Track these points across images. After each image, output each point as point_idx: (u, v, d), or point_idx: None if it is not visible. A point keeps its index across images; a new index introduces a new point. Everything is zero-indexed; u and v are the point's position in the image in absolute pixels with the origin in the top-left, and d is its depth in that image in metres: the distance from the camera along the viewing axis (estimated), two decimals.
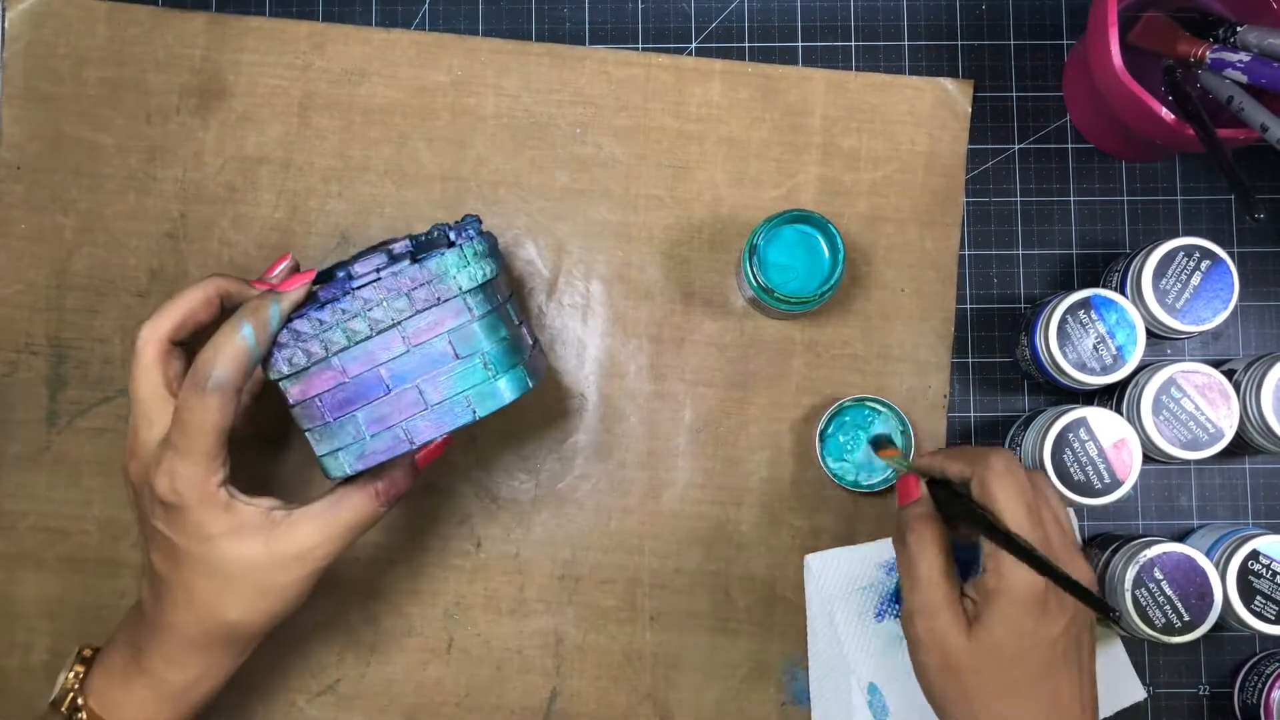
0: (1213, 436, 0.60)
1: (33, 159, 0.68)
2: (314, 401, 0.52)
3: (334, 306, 0.51)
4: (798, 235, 0.63)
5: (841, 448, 0.65)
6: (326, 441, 0.53)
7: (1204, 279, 0.60)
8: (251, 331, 0.51)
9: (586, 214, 0.68)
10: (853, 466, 0.65)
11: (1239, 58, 0.57)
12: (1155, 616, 0.58)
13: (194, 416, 0.50)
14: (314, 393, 0.52)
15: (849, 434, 0.65)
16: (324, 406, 0.52)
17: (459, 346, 0.52)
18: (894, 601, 0.64)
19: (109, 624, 0.66)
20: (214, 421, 0.50)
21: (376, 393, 0.52)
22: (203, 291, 0.54)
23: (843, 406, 0.65)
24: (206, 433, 0.50)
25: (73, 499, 0.67)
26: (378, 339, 0.51)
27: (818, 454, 0.64)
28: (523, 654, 0.66)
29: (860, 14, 0.69)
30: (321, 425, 0.53)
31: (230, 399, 0.51)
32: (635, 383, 0.67)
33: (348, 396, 0.52)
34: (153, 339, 0.53)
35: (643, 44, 0.69)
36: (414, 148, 0.68)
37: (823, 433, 0.65)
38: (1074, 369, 0.60)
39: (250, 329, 0.51)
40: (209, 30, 0.68)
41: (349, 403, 0.52)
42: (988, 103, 0.68)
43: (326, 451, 0.53)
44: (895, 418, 0.65)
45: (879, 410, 0.65)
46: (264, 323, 0.51)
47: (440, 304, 0.52)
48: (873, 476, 0.65)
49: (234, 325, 0.51)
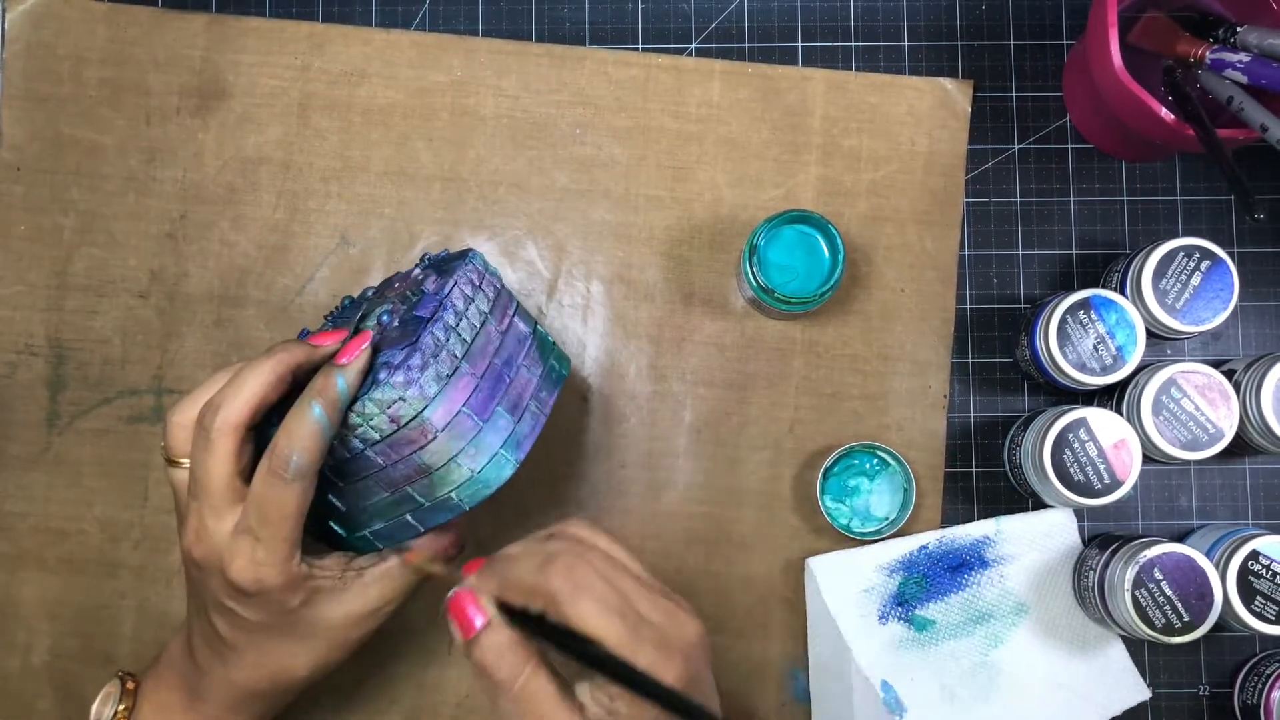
0: (1213, 437, 0.60)
1: (33, 160, 0.68)
2: None
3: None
4: (798, 235, 0.63)
5: (843, 489, 0.65)
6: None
7: (1204, 279, 0.60)
8: (323, 413, 0.49)
9: (586, 214, 0.68)
10: (849, 511, 0.65)
11: (1239, 58, 0.57)
12: (1155, 617, 0.58)
13: (276, 507, 0.49)
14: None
15: (854, 478, 0.65)
16: None
17: (433, 461, 0.51)
18: (896, 604, 0.64)
19: (109, 624, 0.66)
20: (296, 508, 0.49)
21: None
22: (273, 372, 0.51)
23: (853, 449, 0.65)
24: (288, 519, 0.49)
25: (73, 500, 0.67)
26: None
27: (817, 491, 0.64)
28: None
29: (860, 14, 0.69)
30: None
31: (311, 484, 0.50)
32: (635, 383, 0.67)
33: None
34: (229, 429, 0.50)
35: (643, 44, 0.69)
36: (414, 148, 0.68)
37: (827, 470, 0.65)
38: (1074, 369, 0.60)
39: (321, 410, 0.49)
40: (209, 31, 0.68)
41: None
42: (988, 103, 0.68)
43: (358, 535, 0.53)
44: (901, 473, 0.65)
45: (887, 462, 0.65)
46: (333, 401, 0.49)
47: (401, 428, 0.50)
48: (865, 525, 0.65)
49: (305, 408, 0.49)
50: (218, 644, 0.53)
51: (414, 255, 0.68)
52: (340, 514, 0.53)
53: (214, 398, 0.50)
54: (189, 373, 0.67)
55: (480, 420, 0.51)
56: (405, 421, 0.50)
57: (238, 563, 0.50)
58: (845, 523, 0.65)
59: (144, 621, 0.66)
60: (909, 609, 0.64)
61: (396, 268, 0.68)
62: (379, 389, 0.50)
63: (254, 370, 0.50)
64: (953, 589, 0.65)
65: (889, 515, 0.65)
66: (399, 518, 0.53)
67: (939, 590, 0.64)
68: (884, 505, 0.65)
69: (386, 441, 0.50)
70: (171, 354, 0.67)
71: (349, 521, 0.54)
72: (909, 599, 0.64)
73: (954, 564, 0.65)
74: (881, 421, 0.66)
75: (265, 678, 0.53)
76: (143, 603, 0.67)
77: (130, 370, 0.67)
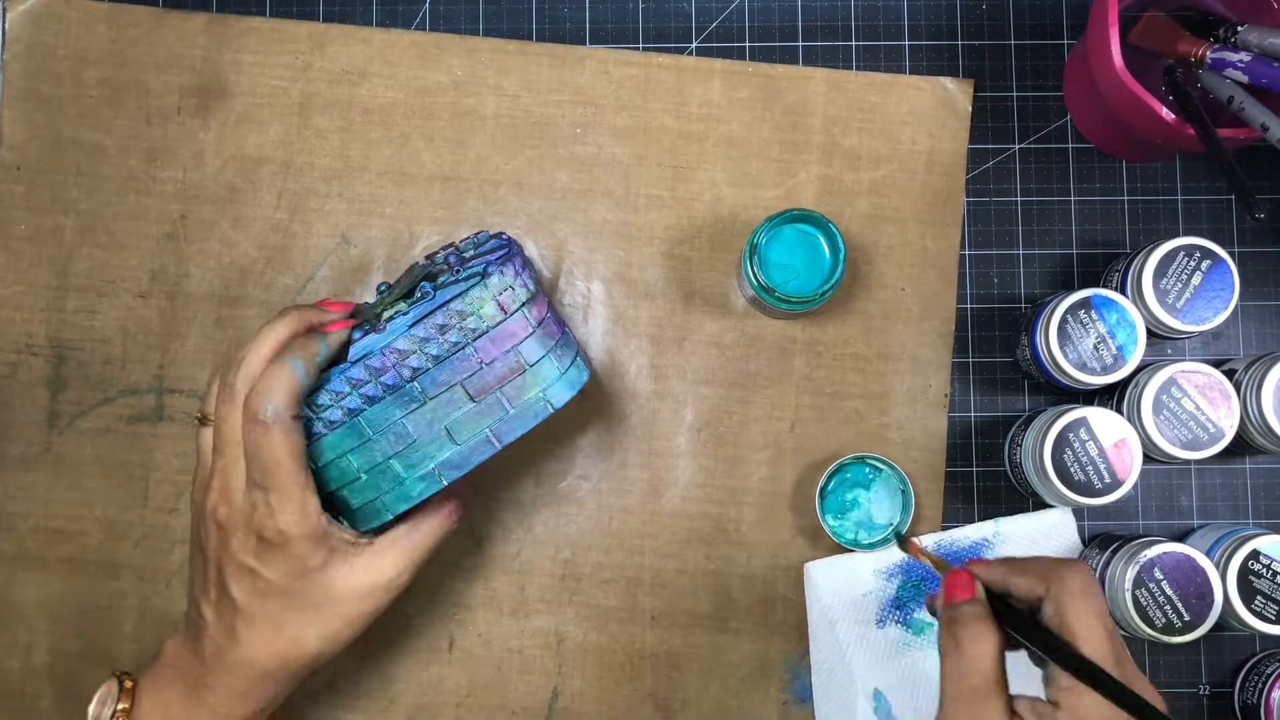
0: (1213, 436, 0.60)
1: (33, 160, 0.68)
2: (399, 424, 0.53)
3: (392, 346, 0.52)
4: (798, 235, 0.63)
5: (842, 504, 0.65)
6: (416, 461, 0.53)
7: (1204, 279, 0.60)
8: (301, 365, 0.51)
9: (587, 214, 0.68)
10: (852, 525, 0.65)
11: (1239, 58, 0.57)
12: (1155, 616, 0.58)
13: (266, 453, 0.50)
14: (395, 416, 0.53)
15: (850, 491, 0.65)
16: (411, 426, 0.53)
17: (529, 355, 0.53)
18: (894, 608, 0.64)
19: (110, 625, 0.66)
20: (285, 449, 0.51)
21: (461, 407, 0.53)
22: (288, 329, 0.54)
23: (843, 464, 0.64)
24: (282, 463, 0.51)
25: (73, 500, 0.67)
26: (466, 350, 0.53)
27: (817, 511, 0.64)
28: (523, 654, 0.66)
29: (860, 14, 0.69)
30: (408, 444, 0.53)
31: (292, 427, 0.51)
32: (636, 382, 0.67)
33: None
34: (251, 379, 0.52)
35: (643, 44, 0.69)
36: (414, 148, 0.68)
37: (823, 489, 0.65)
38: (1074, 369, 0.60)
39: (301, 364, 0.51)
40: (209, 31, 0.68)
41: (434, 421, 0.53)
42: (988, 103, 0.68)
43: (422, 471, 0.53)
44: (896, 476, 0.64)
45: (880, 469, 0.65)
46: (311, 356, 0.52)
47: (509, 316, 0.53)
48: (872, 535, 0.65)
49: (283, 359, 0.52)
50: (231, 618, 0.53)
51: (415, 255, 0.68)
52: (408, 444, 0.53)
53: (234, 355, 0.53)
54: (189, 372, 0.67)
55: (558, 331, 0.55)
56: (513, 310, 0.52)
57: (258, 512, 0.51)
58: (852, 538, 0.65)
59: (144, 621, 0.67)
60: (907, 612, 0.64)
61: (397, 267, 0.68)
62: (490, 278, 0.52)
63: (271, 328, 0.53)
64: None
65: (891, 520, 0.65)
66: (479, 435, 0.53)
67: None
68: (884, 512, 0.65)
69: (490, 334, 0.52)
70: (172, 354, 0.67)
71: (413, 454, 0.53)
72: (907, 602, 0.64)
73: None
74: (882, 421, 0.66)
75: (276, 654, 0.53)
76: (143, 603, 0.67)
77: (131, 370, 0.67)
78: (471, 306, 0.52)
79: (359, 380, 0.52)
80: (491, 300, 0.52)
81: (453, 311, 0.52)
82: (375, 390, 0.52)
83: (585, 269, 0.68)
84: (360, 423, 0.52)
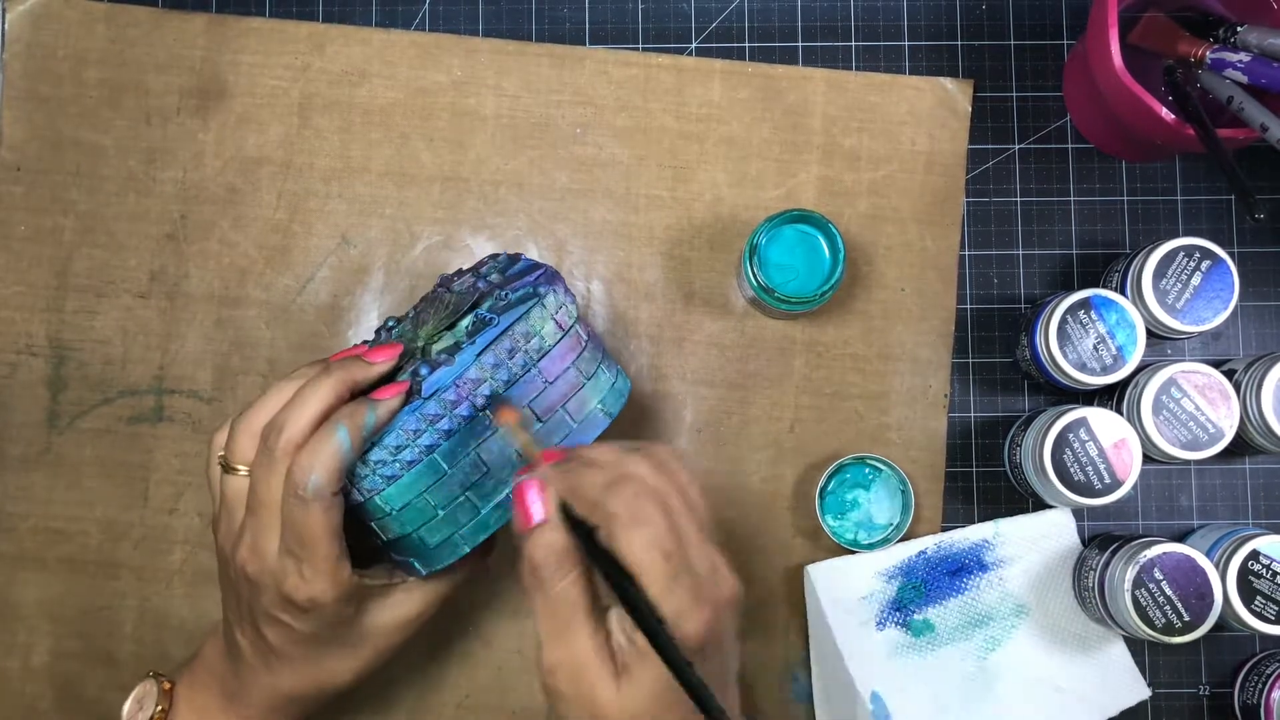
0: (1213, 436, 0.60)
1: (33, 160, 0.68)
2: None
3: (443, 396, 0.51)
4: (798, 235, 0.63)
5: (841, 505, 0.65)
6: (490, 490, 0.53)
7: (1204, 279, 0.60)
8: (348, 437, 0.49)
9: (587, 214, 0.68)
10: (852, 525, 0.65)
11: (1239, 58, 0.57)
12: (1155, 616, 0.58)
13: (301, 526, 0.49)
14: None
15: (849, 492, 0.65)
16: None
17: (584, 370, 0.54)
18: (894, 610, 0.64)
19: (110, 625, 0.66)
20: (322, 526, 0.50)
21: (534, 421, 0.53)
22: (333, 391, 0.51)
23: (843, 464, 0.64)
24: (319, 538, 0.50)
25: (73, 500, 0.67)
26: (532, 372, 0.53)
27: (817, 512, 0.64)
28: (524, 655, 0.66)
29: (860, 14, 0.69)
30: (482, 474, 0.52)
31: (331, 504, 0.50)
32: (636, 383, 0.67)
33: None
34: (293, 448, 0.50)
35: (643, 44, 0.69)
36: (414, 148, 0.68)
37: (823, 490, 0.65)
38: (1074, 369, 0.60)
39: (346, 434, 0.49)
40: (209, 31, 0.68)
41: None
42: (988, 103, 0.68)
43: (497, 500, 0.53)
44: (895, 476, 0.64)
45: (879, 469, 0.65)
46: (359, 428, 0.50)
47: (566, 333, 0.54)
48: (871, 535, 0.65)
49: (331, 429, 0.49)
50: (266, 654, 0.53)
51: (415, 255, 0.68)
52: (482, 473, 0.52)
53: (277, 417, 0.50)
54: (189, 373, 0.67)
55: (600, 341, 0.56)
56: (569, 327, 0.54)
57: (290, 580, 0.50)
58: (851, 538, 0.65)
59: (144, 622, 0.67)
60: (907, 614, 0.64)
61: (397, 268, 0.68)
62: (545, 298, 0.53)
63: (315, 390, 0.51)
64: (952, 593, 0.65)
65: (891, 520, 0.65)
66: None
67: (938, 595, 0.64)
68: (884, 512, 0.65)
69: (551, 354, 0.52)
70: (172, 354, 0.67)
71: (487, 483, 0.52)
72: (907, 604, 0.64)
73: (953, 568, 0.65)
74: (882, 421, 0.66)
75: (311, 685, 0.54)
76: (143, 603, 0.67)
77: (131, 370, 0.67)
78: (534, 328, 0.52)
79: (435, 415, 0.51)
80: (550, 320, 0.53)
81: (517, 335, 0.52)
82: (451, 424, 0.51)
83: (585, 269, 0.68)
84: (436, 459, 0.51)
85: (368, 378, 0.52)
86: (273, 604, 0.51)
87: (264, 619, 0.52)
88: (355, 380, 0.52)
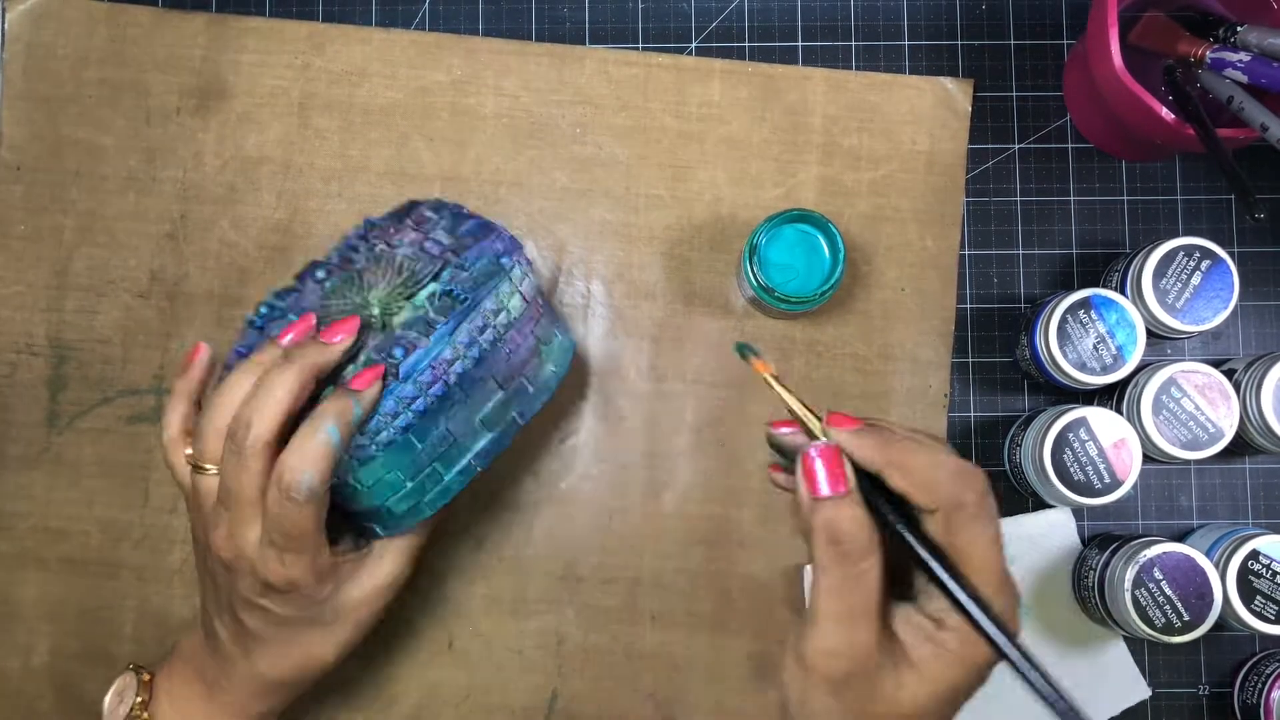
0: (1213, 436, 0.60)
1: (32, 160, 0.68)
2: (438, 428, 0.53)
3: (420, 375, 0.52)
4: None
5: (770, 268, 0.61)
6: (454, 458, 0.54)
7: (1204, 279, 0.60)
8: (337, 433, 0.49)
9: (587, 214, 0.68)
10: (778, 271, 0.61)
11: (1239, 58, 0.57)
12: (1155, 616, 0.58)
13: (293, 524, 0.50)
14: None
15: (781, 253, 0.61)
16: None
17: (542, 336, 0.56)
18: None
19: (110, 625, 0.66)
20: (313, 522, 0.50)
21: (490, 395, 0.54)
22: (298, 381, 0.50)
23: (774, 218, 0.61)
24: (308, 533, 0.50)
25: (73, 500, 0.67)
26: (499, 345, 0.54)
27: (747, 272, 0.60)
28: (523, 654, 0.66)
29: (860, 14, 0.69)
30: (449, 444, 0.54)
31: (324, 500, 0.50)
32: (636, 383, 0.67)
33: None
34: (262, 445, 0.49)
35: (643, 44, 0.69)
36: (414, 148, 0.68)
37: (754, 246, 0.61)
38: (1074, 369, 0.60)
39: (336, 431, 0.49)
40: (209, 31, 0.68)
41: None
42: (988, 102, 0.68)
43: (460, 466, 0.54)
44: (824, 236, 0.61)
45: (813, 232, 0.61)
46: (348, 425, 0.50)
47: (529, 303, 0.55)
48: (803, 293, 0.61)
49: (319, 429, 0.49)
50: (245, 639, 0.53)
51: None
52: (449, 444, 0.53)
53: (242, 412, 0.50)
54: None
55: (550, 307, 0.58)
56: (531, 296, 0.55)
57: (269, 566, 0.51)
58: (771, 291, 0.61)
59: (144, 622, 0.66)
60: None
61: None
62: (511, 269, 0.54)
63: (280, 381, 0.50)
64: None
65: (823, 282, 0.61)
66: (507, 419, 0.55)
67: None
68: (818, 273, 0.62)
69: (516, 325, 0.54)
70: (172, 354, 0.67)
71: (452, 452, 0.53)
72: None
73: None
74: None
75: (291, 667, 0.54)
76: (143, 603, 0.67)
77: (130, 370, 0.67)
78: (502, 302, 0.53)
79: (410, 397, 0.51)
80: (516, 293, 0.54)
81: (487, 310, 0.53)
82: (425, 404, 0.51)
83: (585, 269, 0.68)
84: (410, 437, 0.52)
85: (330, 360, 0.52)
86: (250, 590, 0.52)
87: (242, 605, 0.52)
88: (318, 366, 0.51)
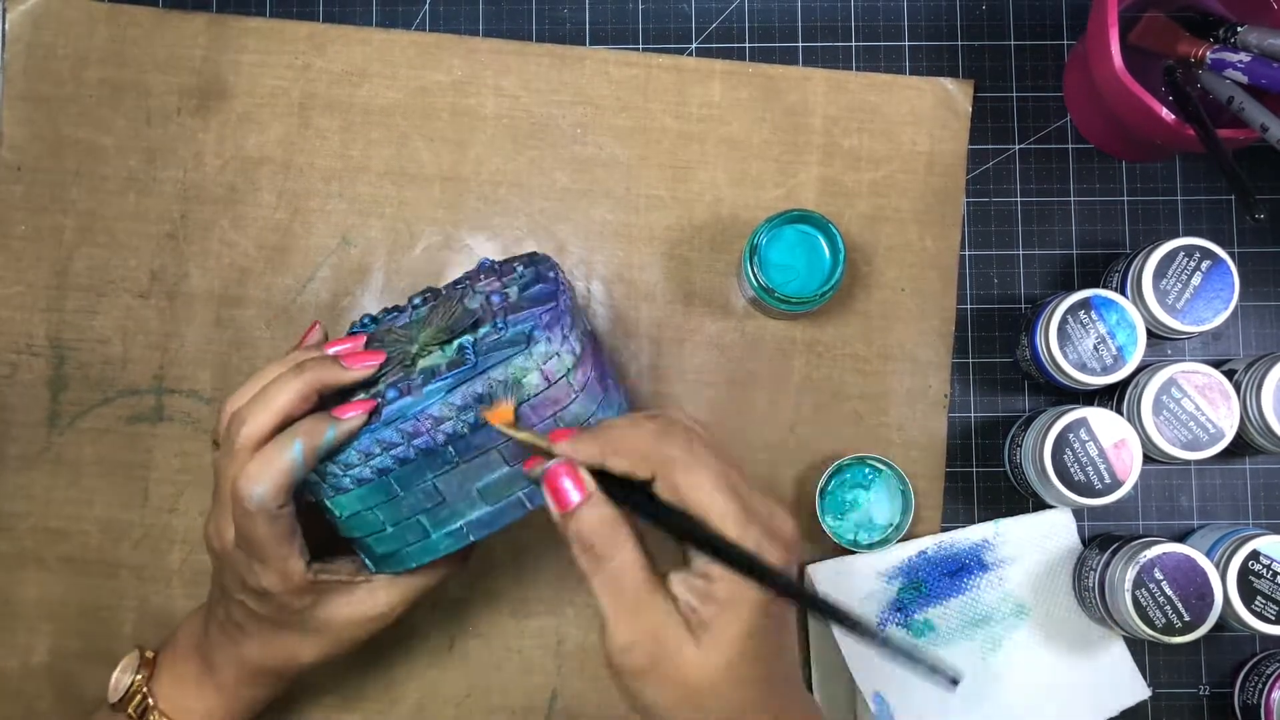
0: (1213, 436, 0.60)
1: (33, 160, 0.68)
2: None
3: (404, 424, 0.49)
4: (798, 235, 0.63)
5: (841, 505, 0.65)
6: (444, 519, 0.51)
7: (1204, 279, 0.60)
8: (302, 453, 0.49)
9: (587, 214, 0.68)
10: (851, 525, 0.65)
11: (1239, 58, 0.57)
12: (1155, 617, 0.58)
13: (248, 531, 0.50)
14: None
15: (849, 492, 0.65)
16: None
17: (570, 421, 0.50)
18: (895, 610, 0.64)
19: (109, 624, 0.66)
20: (267, 534, 0.50)
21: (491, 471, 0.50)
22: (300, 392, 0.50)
23: (843, 464, 0.64)
24: (264, 544, 0.50)
25: (73, 500, 0.67)
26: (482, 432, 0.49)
27: (817, 512, 0.64)
28: (524, 654, 0.66)
29: (860, 14, 0.69)
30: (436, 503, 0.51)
31: (277, 515, 0.50)
32: (636, 383, 0.67)
33: None
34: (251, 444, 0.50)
35: (643, 44, 0.69)
36: (414, 148, 0.68)
37: (822, 490, 0.64)
38: (1074, 369, 0.60)
39: (301, 450, 0.49)
40: (209, 31, 0.68)
41: None
42: (988, 103, 0.68)
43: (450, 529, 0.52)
44: (895, 476, 0.64)
45: (880, 469, 0.65)
46: (314, 449, 0.49)
47: (552, 384, 0.49)
48: (872, 536, 0.64)
49: (285, 443, 0.49)
50: (231, 627, 0.55)
51: (415, 255, 0.68)
52: (436, 502, 0.51)
53: (241, 410, 0.50)
54: (189, 372, 0.67)
55: (602, 388, 0.52)
56: (558, 378, 0.49)
57: (245, 570, 0.52)
58: (851, 538, 0.64)
59: (144, 621, 0.66)
60: (908, 614, 0.64)
61: (397, 268, 0.68)
62: (536, 345, 0.49)
63: (282, 389, 0.50)
64: (952, 593, 0.65)
65: (891, 520, 0.65)
66: (510, 496, 0.51)
67: (938, 595, 0.64)
68: (884, 512, 0.65)
69: (532, 402, 0.49)
70: (172, 354, 0.67)
71: (442, 511, 0.51)
72: (907, 604, 0.64)
73: (953, 568, 0.65)
74: (882, 421, 0.66)
75: (274, 660, 0.55)
76: (143, 603, 0.67)
77: (131, 370, 0.67)
78: (515, 375, 0.49)
79: (390, 442, 0.49)
80: (536, 370, 0.49)
81: (494, 381, 0.48)
82: (407, 452, 0.49)
83: (585, 269, 0.68)
84: (389, 481, 0.50)
85: (339, 382, 0.51)
86: (233, 583, 0.53)
87: (229, 595, 0.54)
88: (325, 383, 0.51)
